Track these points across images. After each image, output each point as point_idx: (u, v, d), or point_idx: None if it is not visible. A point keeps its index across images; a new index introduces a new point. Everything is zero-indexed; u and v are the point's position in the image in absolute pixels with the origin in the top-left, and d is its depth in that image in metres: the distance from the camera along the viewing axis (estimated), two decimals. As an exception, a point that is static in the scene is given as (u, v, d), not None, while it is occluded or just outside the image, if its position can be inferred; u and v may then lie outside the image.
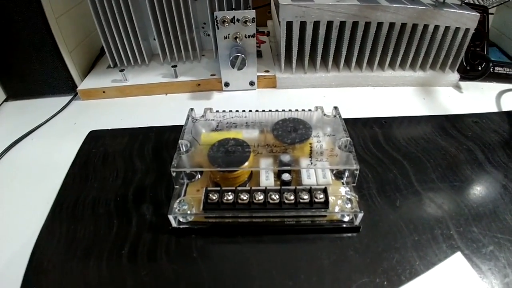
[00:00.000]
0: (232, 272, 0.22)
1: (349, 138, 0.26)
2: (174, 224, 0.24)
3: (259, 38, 0.46)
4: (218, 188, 0.24)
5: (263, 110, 0.29)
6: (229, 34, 0.36)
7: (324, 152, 0.25)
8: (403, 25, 0.37)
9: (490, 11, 0.44)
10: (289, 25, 0.37)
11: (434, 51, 0.40)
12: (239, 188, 0.23)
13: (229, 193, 0.23)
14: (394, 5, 0.36)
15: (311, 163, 0.25)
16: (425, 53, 0.40)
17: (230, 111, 0.29)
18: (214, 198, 0.23)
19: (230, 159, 0.24)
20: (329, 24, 0.37)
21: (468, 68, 0.43)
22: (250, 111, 0.29)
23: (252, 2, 0.39)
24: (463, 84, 0.42)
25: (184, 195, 0.25)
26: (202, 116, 0.29)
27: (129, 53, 0.43)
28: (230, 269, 0.22)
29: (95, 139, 0.33)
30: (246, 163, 0.24)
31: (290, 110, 0.29)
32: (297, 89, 0.41)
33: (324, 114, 0.29)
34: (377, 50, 0.39)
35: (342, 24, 0.37)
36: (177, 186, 0.25)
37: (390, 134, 0.33)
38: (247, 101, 0.40)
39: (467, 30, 0.38)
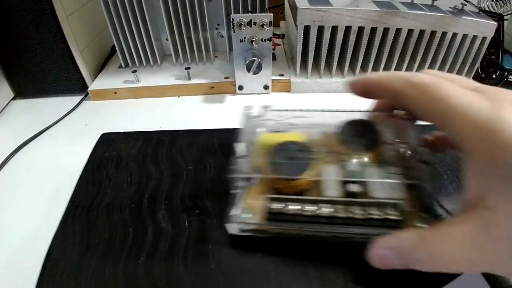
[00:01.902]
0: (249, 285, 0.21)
1: (426, 148, 0.22)
2: (235, 232, 0.22)
3: (274, 41, 0.45)
4: (284, 197, 0.22)
5: (329, 110, 0.26)
6: (245, 38, 0.35)
7: (397, 162, 0.22)
8: (422, 32, 0.37)
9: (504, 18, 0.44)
10: (306, 29, 0.36)
11: (451, 59, 0.39)
12: (305, 198, 0.21)
13: (295, 203, 0.21)
14: (414, 12, 0.35)
15: (383, 174, 0.22)
16: (442, 60, 0.39)
17: (290, 110, 0.26)
18: (278, 207, 0.21)
19: (293, 165, 0.22)
20: (347, 29, 0.36)
21: (483, 76, 0.43)
22: (314, 110, 0.26)
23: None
24: (477, 92, 0.42)
25: (241, 201, 0.22)
26: (260, 115, 0.26)
27: (141, 53, 0.42)
28: (247, 281, 0.21)
29: (107, 142, 0.33)
30: (311, 171, 0.22)
31: (358, 111, 0.25)
32: (311, 93, 0.41)
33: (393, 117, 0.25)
34: (394, 56, 0.38)
35: (360, 29, 0.36)
36: (233, 192, 0.23)
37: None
38: (261, 105, 0.39)
39: (484, 38, 0.37)
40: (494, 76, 0.43)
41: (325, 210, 0.21)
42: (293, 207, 0.21)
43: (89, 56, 0.42)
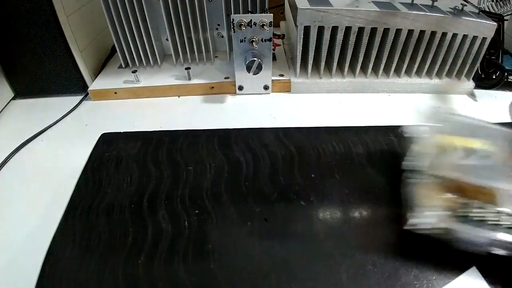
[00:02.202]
0: None
1: None
2: (416, 227, 0.22)
3: (275, 41, 0.45)
4: (480, 203, 0.21)
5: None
6: (245, 38, 0.35)
7: None
8: (422, 32, 0.37)
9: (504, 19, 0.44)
10: (306, 29, 0.36)
11: (451, 59, 0.39)
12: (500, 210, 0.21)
13: (494, 214, 0.21)
14: (414, 12, 0.35)
15: None
16: (442, 60, 0.39)
17: (469, 117, 0.27)
18: (476, 214, 0.21)
19: (482, 171, 0.22)
20: (347, 29, 0.36)
21: (483, 76, 0.43)
22: (496, 123, 0.26)
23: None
24: (477, 92, 0.42)
25: (428, 200, 0.22)
26: (438, 116, 0.26)
27: (141, 53, 0.42)
28: (247, 281, 0.21)
29: (107, 142, 0.33)
30: (503, 181, 0.22)
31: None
32: (311, 94, 0.41)
33: None
34: (394, 56, 0.38)
35: (360, 29, 0.36)
36: (408, 188, 0.23)
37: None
38: (261, 105, 0.39)
39: (484, 39, 0.37)
40: (494, 77, 0.43)
41: (507, 221, 0.21)
42: (479, 214, 0.21)
43: (89, 56, 0.42)
